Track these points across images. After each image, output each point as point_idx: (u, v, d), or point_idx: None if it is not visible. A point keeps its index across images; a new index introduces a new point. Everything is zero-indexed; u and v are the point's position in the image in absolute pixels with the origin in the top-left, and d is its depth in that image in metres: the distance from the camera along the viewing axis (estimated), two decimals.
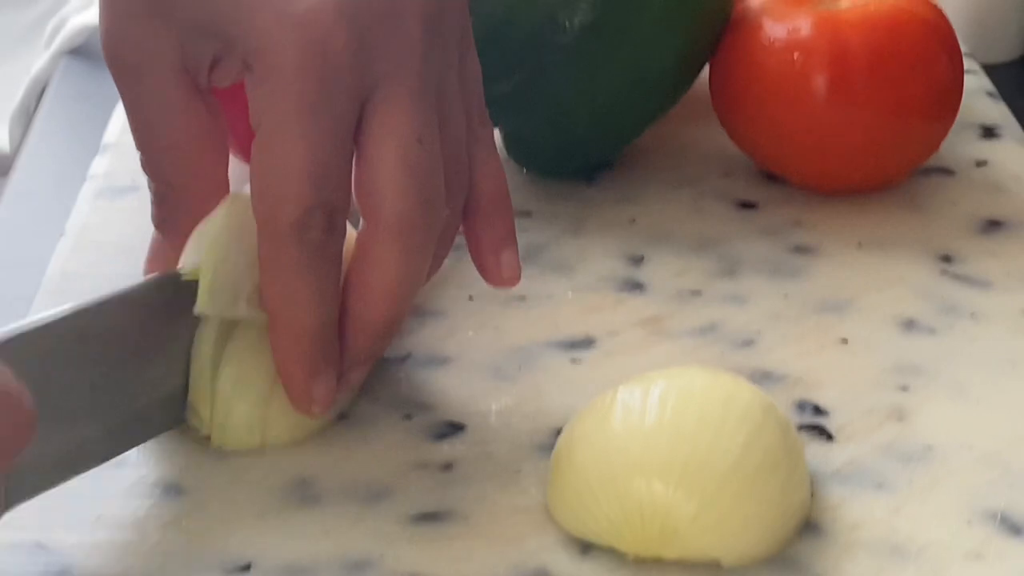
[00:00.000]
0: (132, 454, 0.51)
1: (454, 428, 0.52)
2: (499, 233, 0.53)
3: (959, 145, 0.70)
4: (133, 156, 0.69)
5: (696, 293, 0.60)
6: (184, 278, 0.49)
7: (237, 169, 0.55)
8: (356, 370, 0.50)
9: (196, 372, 0.50)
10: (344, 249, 0.49)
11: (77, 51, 0.87)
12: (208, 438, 0.51)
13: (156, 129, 0.51)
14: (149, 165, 0.52)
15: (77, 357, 0.46)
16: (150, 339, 0.49)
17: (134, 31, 0.49)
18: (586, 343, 0.57)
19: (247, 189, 0.48)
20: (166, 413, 0.50)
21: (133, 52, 0.50)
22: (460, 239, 0.62)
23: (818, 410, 0.53)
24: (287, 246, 0.47)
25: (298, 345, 0.48)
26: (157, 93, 0.50)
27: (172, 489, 0.49)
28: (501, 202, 0.53)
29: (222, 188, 0.52)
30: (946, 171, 0.68)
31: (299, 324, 0.48)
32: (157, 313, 0.49)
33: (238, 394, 0.50)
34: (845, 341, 0.57)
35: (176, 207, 0.51)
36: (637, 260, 0.62)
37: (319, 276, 0.48)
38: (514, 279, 0.53)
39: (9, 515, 0.48)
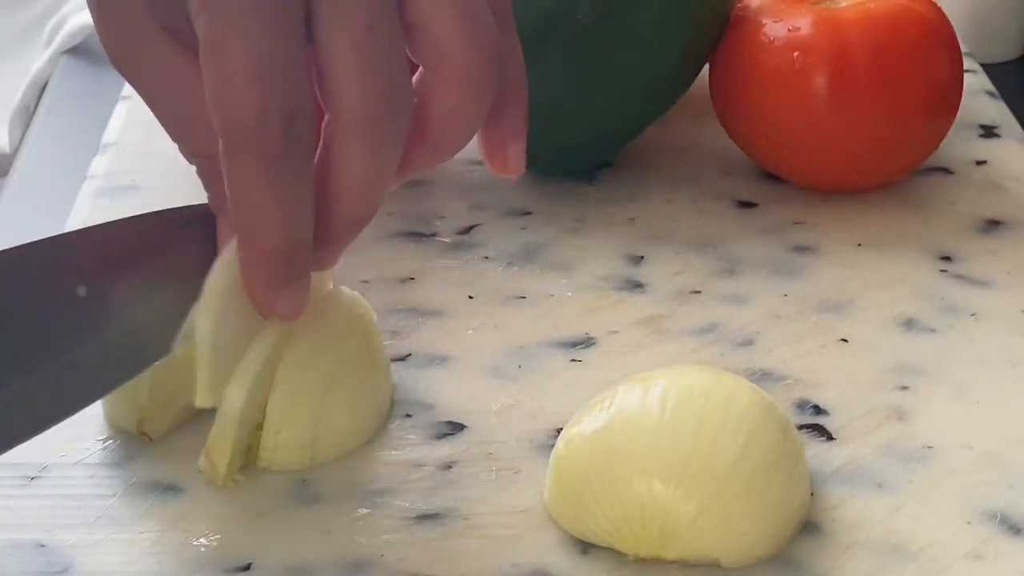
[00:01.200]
0: (132, 453, 0.51)
1: (454, 428, 0.52)
2: (514, 122, 0.49)
3: (959, 144, 0.70)
4: (133, 155, 0.70)
5: (696, 293, 0.60)
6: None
7: None
8: (326, 256, 0.47)
9: (222, 426, 0.48)
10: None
11: (76, 50, 0.87)
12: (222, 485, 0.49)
13: (161, 98, 0.47)
14: (180, 142, 0.48)
15: None
16: (40, 296, 0.45)
17: (122, 15, 0.46)
18: (586, 343, 0.57)
19: None
20: (93, 379, 0.47)
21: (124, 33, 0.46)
22: (456, 247, 0.62)
23: (818, 410, 0.53)
24: (245, 157, 0.43)
25: (265, 262, 0.45)
26: (149, 59, 0.46)
27: (172, 489, 0.49)
28: (520, 90, 0.49)
29: None
30: (946, 171, 0.68)
31: (265, 241, 0.45)
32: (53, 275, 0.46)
33: (289, 420, 0.50)
34: (845, 341, 0.57)
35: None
36: (637, 260, 0.62)
37: (283, 187, 0.44)
38: (519, 170, 0.49)
39: (9, 515, 0.48)
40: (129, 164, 0.69)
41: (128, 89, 0.75)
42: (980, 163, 0.69)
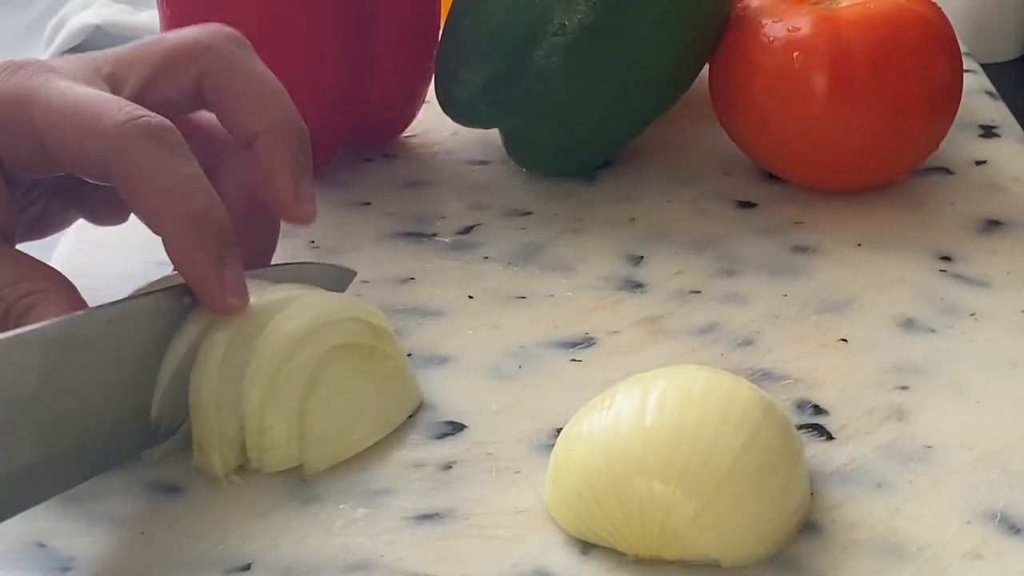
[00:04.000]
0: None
1: (454, 428, 0.52)
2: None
3: (958, 144, 0.70)
4: None
5: (696, 293, 0.60)
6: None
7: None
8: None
9: (201, 415, 0.49)
10: None
11: (76, 50, 0.87)
12: (221, 480, 0.49)
13: None
14: None
15: None
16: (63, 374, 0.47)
17: None
18: (586, 343, 0.57)
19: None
20: (113, 444, 0.49)
21: None
22: (456, 247, 0.62)
23: (818, 410, 0.53)
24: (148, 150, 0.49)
25: (191, 232, 0.48)
26: None
27: (172, 489, 0.49)
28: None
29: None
30: (945, 171, 0.68)
31: (186, 211, 0.48)
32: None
33: (270, 413, 0.49)
34: (845, 341, 0.57)
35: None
36: (637, 259, 0.62)
37: (186, 164, 0.49)
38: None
39: None
40: None
41: None
42: (980, 163, 0.69)
